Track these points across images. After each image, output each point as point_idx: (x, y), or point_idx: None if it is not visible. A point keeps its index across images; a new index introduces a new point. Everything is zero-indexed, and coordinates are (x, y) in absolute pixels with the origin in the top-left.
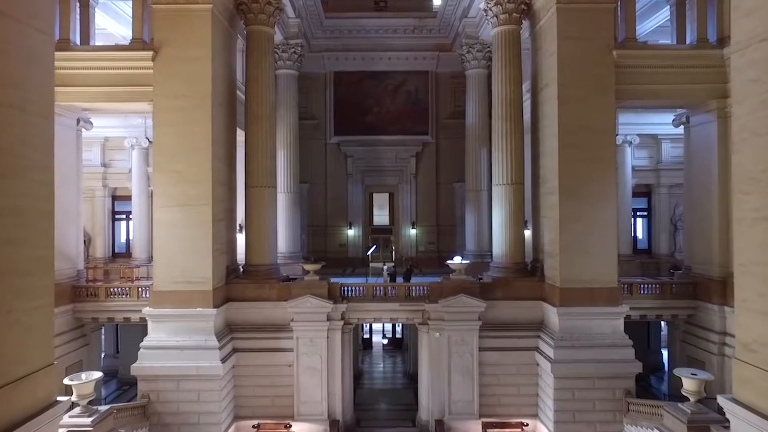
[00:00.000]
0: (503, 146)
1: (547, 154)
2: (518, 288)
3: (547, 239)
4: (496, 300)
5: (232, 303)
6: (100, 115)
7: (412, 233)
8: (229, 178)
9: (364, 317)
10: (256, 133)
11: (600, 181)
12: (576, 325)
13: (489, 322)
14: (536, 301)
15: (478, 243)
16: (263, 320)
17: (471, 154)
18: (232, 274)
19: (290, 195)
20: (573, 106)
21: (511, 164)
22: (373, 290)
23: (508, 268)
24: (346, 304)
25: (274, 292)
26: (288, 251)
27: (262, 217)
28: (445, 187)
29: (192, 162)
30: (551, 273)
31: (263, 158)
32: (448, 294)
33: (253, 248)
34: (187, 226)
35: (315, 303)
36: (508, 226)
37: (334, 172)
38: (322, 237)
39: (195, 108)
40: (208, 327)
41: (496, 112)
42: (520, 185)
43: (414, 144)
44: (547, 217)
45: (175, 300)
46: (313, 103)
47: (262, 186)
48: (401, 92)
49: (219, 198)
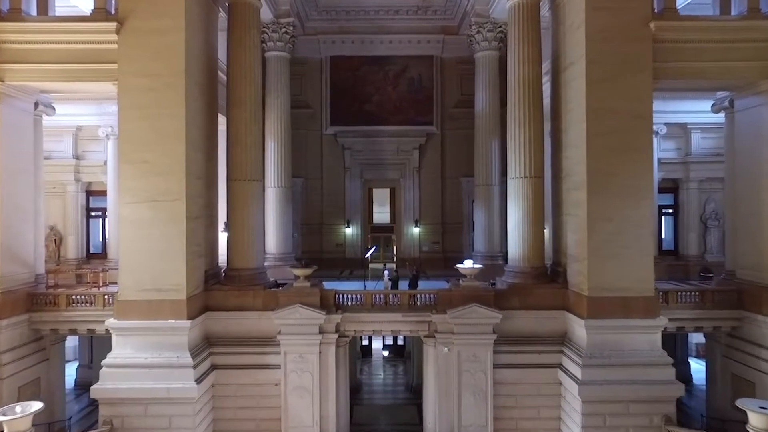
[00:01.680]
0: (520, 135)
1: (572, 144)
2: (538, 296)
3: (571, 241)
4: (513, 309)
5: (211, 313)
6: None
7: (415, 232)
8: (209, 170)
9: (362, 329)
10: (238, 119)
11: (635, 174)
12: (607, 340)
13: (505, 335)
14: (559, 311)
15: (489, 243)
16: (246, 332)
17: (481, 146)
18: (212, 279)
19: (281, 190)
20: (603, 86)
21: (530, 155)
22: (372, 298)
23: (525, 273)
24: (341, 314)
25: (259, 300)
26: (278, 252)
27: (245, 215)
28: (451, 182)
29: (163, 151)
30: (577, 279)
31: (247, 147)
32: (458, 303)
33: (236, 250)
34: (156, 225)
35: (305, 313)
36: (526, 225)
37: (330, 166)
38: (318, 236)
39: (166, 88)
40: (181, 342)
41: (512, 96)
42: (539, 179)
43: (417, 135)
44: (572, 215)
45: (142, 311)
46: (307, 90)
47: (246, 179)
48: (403, 79)
49: (195, 193)
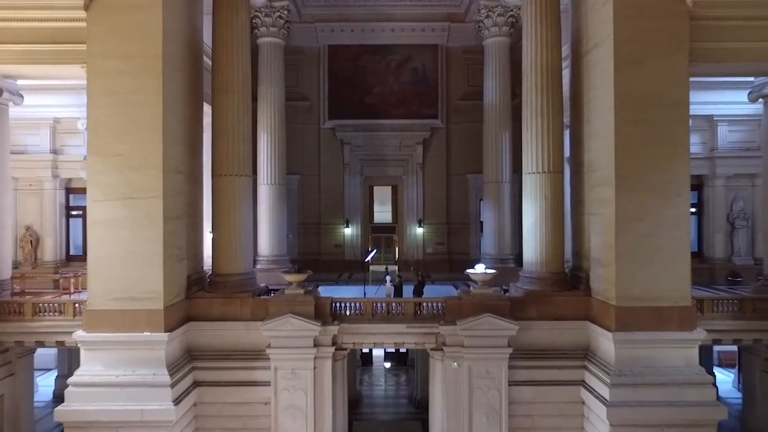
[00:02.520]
0: (538, 125)
1: (597, 135)
2: (558, 305)
3: (595, 243)
4: (530, 320)
5: (193, 323)
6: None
7: (419, 232)
8: (192, 165)
9: (362, 342)
10: (224, 107)
11: (670, 169)
12: (638, 356)
13: (520, 348)
14: (581, 321)
15: (499, 245)
16: (233, 345)
17: (490, 139)
18: (196, 285)
19: (275, 187)
20: (633, 69)
21: (548, 148)
22: (373, 307)
23: (543, 279)
24: (338, 325)
25: (247, 308)
26: (272, 255)
27: (232, 214)
28: (457, 179)
29: (137, 142)
30: (602, 286)
31: (234, 139)
32: (469, 313)
33: (221, 253)
34: (130, 226)
35: (297, 325)
36: (544, 225)
37: (328, 162)
38: (315, 237)
39: (141, 72)
40: (158, 357)
41: (529, 83)
42: (558, 174)
43: (421, 129)
44: (596, 214)
45: (114, 322)
46: (304, 81)
47: (233, 174)
48: (406, 69)
49: (175, 189)
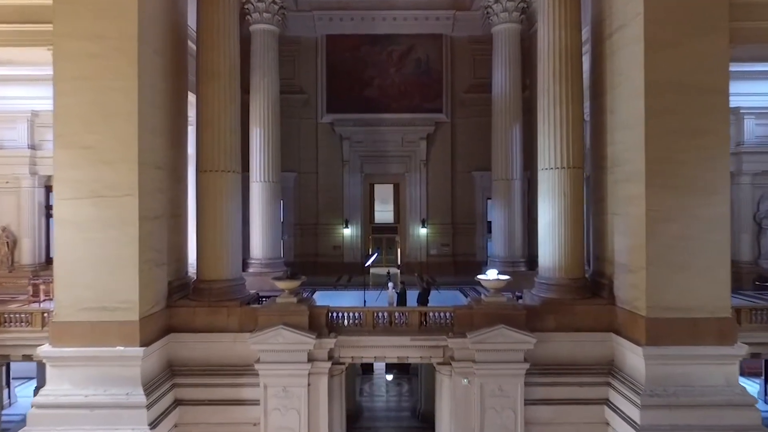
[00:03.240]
0: (555, 115)
1: (623, 125)
2: (579, 314)
3: (620, 246)
4: (548, 331)
5: (175, 335)
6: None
7: (422, 233)
8: (175, 159)
9: (361, 355)
10: (210, 95)
11: (706, 163)
12: (671, 374)
13: (537, 362)
14: (604, 333)
15: (509, 247)
16: (219, 359)
17: (499, 134)
18: (179, 292)
19: (269, 185)
20: (666, 53)
21: (568, 140)
22: (374, 317)
23: (562, 286)
24: (335, 337)
25: (234, 318)
26: (265, 258)
27: (218, 214)
28: (462, 177)
29: (110, 133)
30: (630, 295)
31: (221, 131)
32: (480, 324)
33: (206, 257)
34: (102, 227)
35: (290, 337)
36: (563, 226)
37: (326, 159)
38: (313, 237)
39: (114, 54)
40: (133, 374)
41: (545, 69)
42: (579, 169)
43: (424, 123)
44: (622, 214)
45: (84, 335)
46: (300, 73)
47: (220, 170)
48: (409, 60)
49: (154, 186)
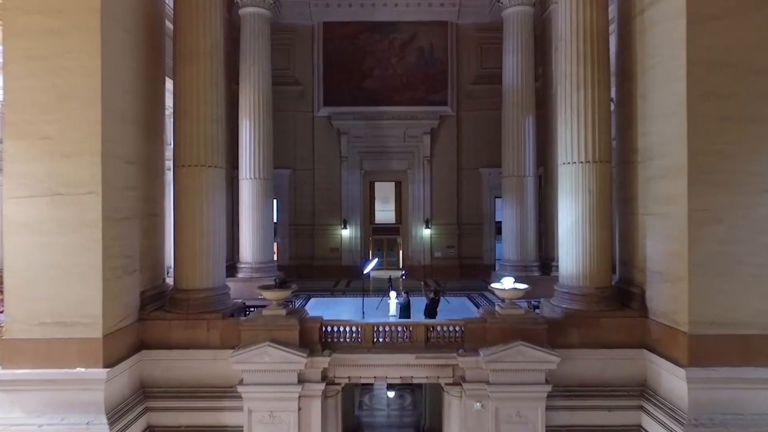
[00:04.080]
0: (579, 102)
1: (658, 113)
2: (608, 328)
3: (654, 251)
4: (572, 348)
5: (147, 352)
6: None
7: (426, 234)
8: (149, 153)
9: (359, 375)
10: (188, 80)
11: (759, 156)
12: (719, 399)
13: (559, 383)
14: (636, 349)
15: (521, 250)
16: (197, 379)
17: (510, 127)
18: (154, 302)
19: (260, 183)
20: (712, 27)
21: (593, 130)
22: (373, 332)
23: (587, 296)
24: (329, 355)
25: (215, 333)
26: (256, 261)
27: (198, 214)
28: (469, 174)
29: (70, 122)
30: (667, 307)
31: (200, 120)
32: (495, 339)
33: (184, 264)
34: (60, 230)
35: (277, 355)
36: (588, 228)
37: (323, 155)
38: (309, 239)
39: (74, 31)
40: (94, 400)
41: (567, 50)
42: (606, 164)
43: (428, 117)
44: (657, 214)
45: (38, 355)
46: (295, 63)
47: (199, 165)
48: (411, 50)
49: (123, 183)
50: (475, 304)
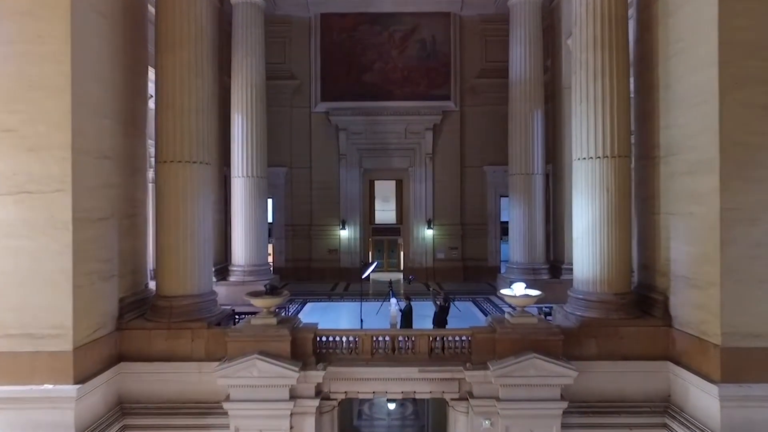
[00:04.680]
0: (597, 91)
1: (684, 102)
2: (628, 339)
3: (680, 254)
4: (589, 360)
5: (126, 365)
6: None
7: (428, 235)
8: (129, 147)
9: (357, 390)
10: (170, 69)
11: None
12: (755, 420)
13: (576, 398)
14: (659, 362)
15: (529, 252)
16: (180, 394)
17: (517, 121)
18: (135, 310)
19: (253, 181)
20: (747, 5)
21: (612, 122)
22: (372, 343)
23: (605, 303)
24: (324, 368)
25: (200, 343)
26: (249, 264)
27: (182, 214)
28: (472, 172)
29: (37, 112)
30: (695, 316)
31: (184, 112)
32: (505, 351)
33: (167, 267)
34: (27, 232)
35: (267, 369)
36: (606, 229)
37: (321, 152)
38: (306, 240)
39: (42, 12)
40: (64, 420)
41: (582, 36)
42: (625, 159)
43: (431, 113)
44: (683, 214)
45: (3, 369)
46: (292, 57)
47: (183, 160)
48: (413, 42)
49: (98, 180)
50: (480, 309)
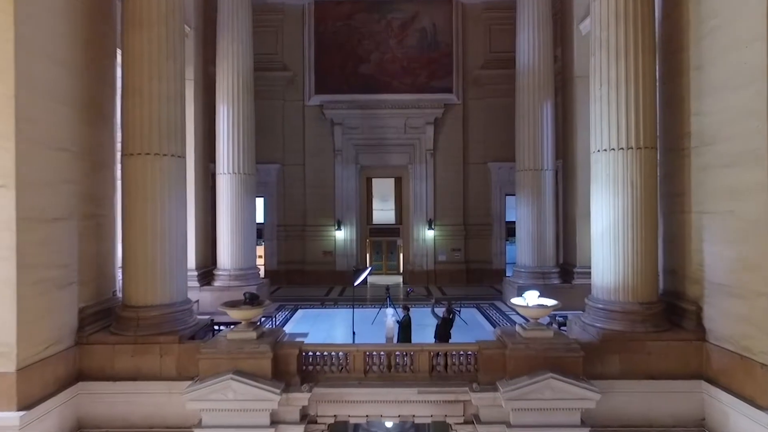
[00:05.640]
0: (618, 73)
1: (722, 87)
2: (656, 354)
3: (717, 258)
4: (611, 378)
5: (86, 384)
6: None
7: (429, 236)
8: (92, 138)
9: (348, 413)
10: (137, 50)
11: None
12: None
13: (596, 422)
14: (691, 380)
15: (539, 254)
16: (147, 419)
17: (525, 113)
18: (99, 321)
19: (240, 178)
20: None
21: (636, 108)
22: (365, 360)
23: (630, 313)
24: (309, 390)
25: (170, 360)
26: (235, 268)
27: (149, 213)
28: (476, 169)
29: None
30: (736, 330)
31: (153, 99)
32: (517, 370)
33: (134, 273)
34: None
35: (244, 391)
36: (631, 230)
37: (315, 148)
38: (299, 241)
39: None
40: None
41: (604, 12)
42: (652, 150)
43: (432, 106)
44: (720, 213)
45: None
46: (284, 47)
47: (152, 153)
48: (412, 31)
49: (51, 175)
50: (486, 317)
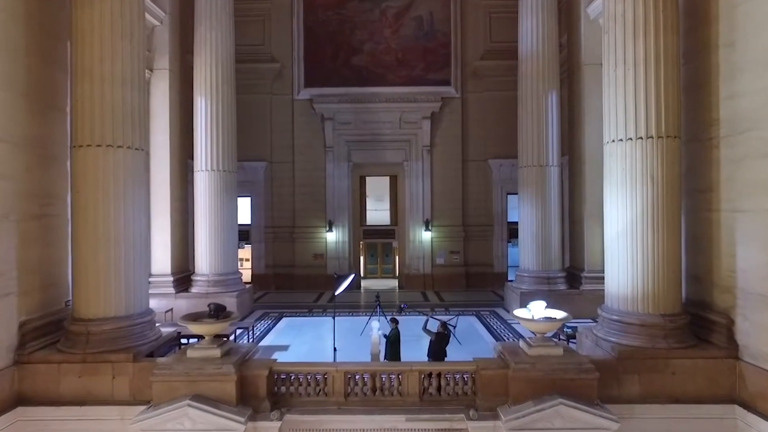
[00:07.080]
0: (635, 55)
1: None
2: (681, 374)
3: (753, 263)
4: (629, 402)
5: (27, 410)
6: None
7: (426, 238)
8: (39, 129)
9: None
10: (88, 26)
11: None
12: None
13: None
14: (722, 405)
15: (543, 258)
16: None
17: (529, 104)
18: (45, 337)
19: (219, 176)
20: None
21: (657, 93)
22: (346, 381)
23: (650, 327)
24: (280, 418)
25: (123, 381)
26: (214, 273)
27: (102, 214)
28: (476, 166)
29: None
30: None
31: (106, 82)
32: (522, 394)
33: (83, 282)
34: None
35: (203, 420)
36: (650, 232)
37: (304, 144)
38: (288, 244)
39: None
40: None
41: None
42: (675, 140)
43: (428, 99)
44: (756, 211)
45: None
46: (272, 38)
47: (105, 144)
48: (408, 20)
49: None
50: (486, 326)
